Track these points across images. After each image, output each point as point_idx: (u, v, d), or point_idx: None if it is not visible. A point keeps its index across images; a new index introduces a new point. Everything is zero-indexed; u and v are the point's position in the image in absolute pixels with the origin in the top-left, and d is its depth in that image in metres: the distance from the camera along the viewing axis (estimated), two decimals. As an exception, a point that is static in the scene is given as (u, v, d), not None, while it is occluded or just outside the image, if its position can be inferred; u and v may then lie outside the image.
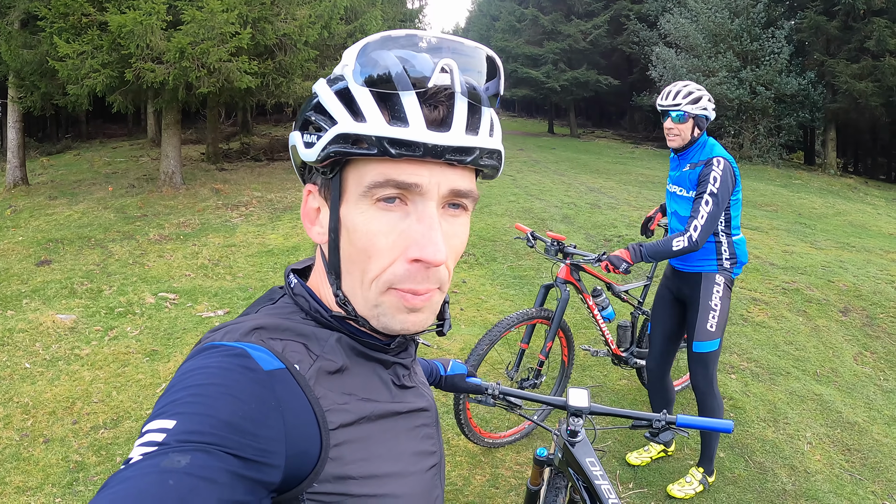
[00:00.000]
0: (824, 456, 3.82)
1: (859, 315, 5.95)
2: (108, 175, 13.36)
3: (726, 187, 3.10)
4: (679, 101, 3.21)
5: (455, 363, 1.76)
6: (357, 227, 0.75)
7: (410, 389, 0.89)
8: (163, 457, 0.57)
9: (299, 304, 0.83)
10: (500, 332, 3.44)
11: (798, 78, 18.84)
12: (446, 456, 3.56)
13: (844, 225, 10.78)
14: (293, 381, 0.71)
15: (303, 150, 0.77)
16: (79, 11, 8.64)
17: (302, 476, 0.69)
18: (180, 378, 0.67)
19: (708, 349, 3.26)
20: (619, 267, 3.27)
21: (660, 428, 1.74)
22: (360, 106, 0.72)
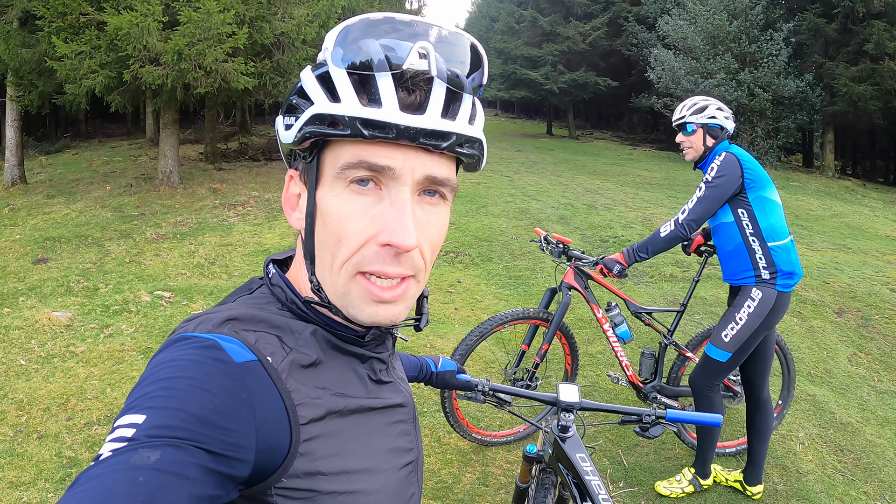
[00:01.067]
0: (817, 456, 3.83)
1: (854, 316, 5.96)
2: (106, 174, 13.35)
3: (723, 177, 3.02)
4: (683, 113, 3.20)
5: (445, 360, 1.76)
6: (330, 211, 0.75)
7: (387, 385, 0.87)
8: (132, 453, 0.56)
9: (276, 295, 0.83)
10: (492, 326, 3.40)
11: (796, 80, 18.83)
12: (437, 454, 3.57)
13: (841, 227, 10.80)
14: (265, 373, 0.70)
15: (283, 133, 0.78)
16: (77, 11, 8.64)
17: (271, 470, 0.68)
18: (151, 371, 0.66)
19: (715, 356, 3.15)
20: (612, 269, 3.24)
21: (650, 423, 1.75)
22: (336, 88, 0.72)
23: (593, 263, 3.38)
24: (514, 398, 1.89)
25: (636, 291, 6.40)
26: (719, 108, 3.20)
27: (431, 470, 3.44)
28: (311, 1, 10.15)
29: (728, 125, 3.20)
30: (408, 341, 4.53)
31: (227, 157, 15.76)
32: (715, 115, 3.17)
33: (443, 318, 5.63)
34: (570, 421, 1.82)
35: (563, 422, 1.83)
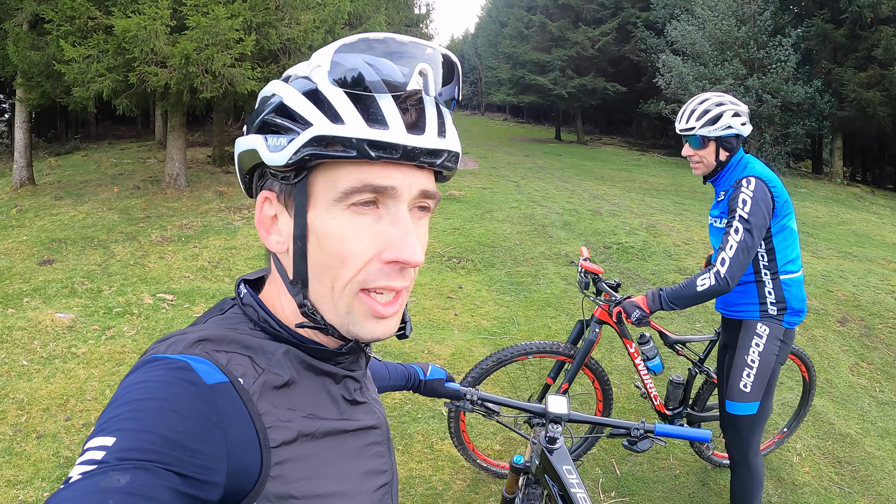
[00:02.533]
0: (813, 468, 3.80)
1: (857, 325, 5.92)
2: (114, 176, 13.44)
3: (760, 211, 2.58)
4: (692, 123, 2.72)
5: (434, 368, 1.77)
6: (330, 233, 0.74)
7: (361, 406, 0.87)
8: (102, 476, 0.56)
9: (248, 315, 0.82)
10: (513, 354, 3.15)
11: (805, 86, 18.74)
12: (430, 460, 3.57)
13: (848, 234, 10.74)
14: (236, 395, 0.69)
15: (268, 154, 0.74)
16: (85, 15, 8.71)
17: (242, 494, 0.68)
18: (122, 393, 0.66)
19: (741, 412, 2.75)
20: (630, 315, 2.79)
21: (638, 436, 1.76)
22: (335, 108, 0.71)
23: (614, 303, 3.00)
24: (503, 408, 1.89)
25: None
26: (735, 113, 2.71)
27: (422, 476, 3.44)
28: (317, 7, 10.19)
29: (745, 131, 2.75)
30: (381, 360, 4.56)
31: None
32: (731, 124, 2.69)
33: (442, 324, 5.63)
34: (558, 433, 1.83)
35: (550, 433, 1.83)
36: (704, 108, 2.72)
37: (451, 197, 11.39)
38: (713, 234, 2.93)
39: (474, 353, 4.91)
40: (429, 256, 7.72)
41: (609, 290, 3.18)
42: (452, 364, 4.70)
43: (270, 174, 0.78)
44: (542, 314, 5.90)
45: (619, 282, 3.27)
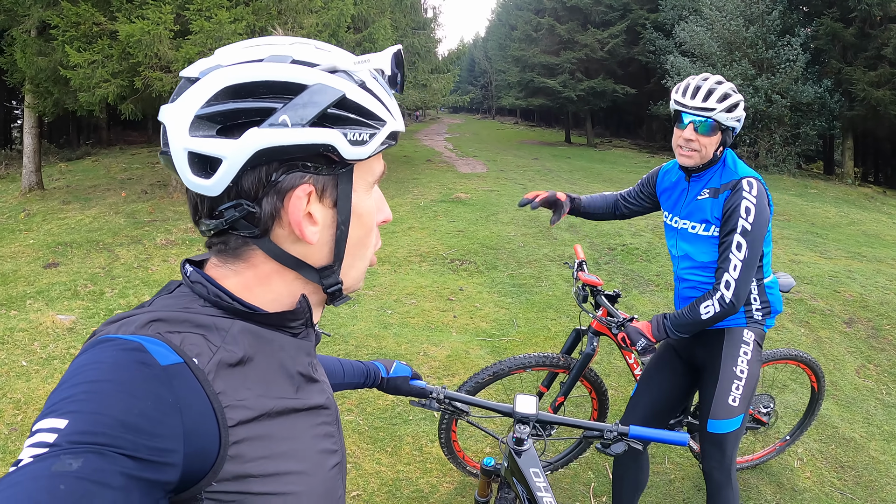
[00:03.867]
0: (815, 473, 3.72)
1: (864, 326, 5.82)
2: (123, 181, 13.53)
3: (763, 221, 2.32)
4: (713, 104, 2.34)
5: (399, 365, 1.73)
6: (367, 210, 0.84)
7: (315, 384, 0.87)
8: (54, 459, 0.55)
9: (197, 292, 0.80)
10: (510, 368, 3.02)
11: (815, 86, 18.61)
12: (418, 462, 3.54)
13: (858, 234, 10.60)
14: (191, 376, 0.68)
15: (349, 149, 0.76)
16: (90, 21, 8.79)
17: (200, 475, 0.67)
18: (74, 373, 0.64)
19: (727, 429, 2.50)
20: (635, 343, 2.53)
21: (611, 439, 1.70)
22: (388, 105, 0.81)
23: (617, 326, 2.75)
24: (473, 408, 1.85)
25: (640, 300, 6.32)
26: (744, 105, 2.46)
27: (409, 479, 3.40)
28: (320, 10, 10.21)
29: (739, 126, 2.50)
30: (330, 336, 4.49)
31: (243, 163, 15.88)
32: (741, 116, 2.42)
33: (440, 326, 5.59)
34: (525, 434, 1.76)
35: (517, 434, 1.76)
36: (725, 91, 2.36)
37: (457, 200, 11.37)
38: (684, 240, 2.61)
39: (471, 355, 4.87)
40: (431, 259, 7.70)
41: (609, 305, 2.95)
42: (448, 366, 4.66)
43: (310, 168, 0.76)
44: (543, 316, 5.85)
45: (619, 292, 3.08)
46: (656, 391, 2.77)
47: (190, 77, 0.75)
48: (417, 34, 18.66)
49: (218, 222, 0.75)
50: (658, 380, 2.79)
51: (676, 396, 2.79)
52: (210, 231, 0.77)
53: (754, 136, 19.53)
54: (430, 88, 19.06)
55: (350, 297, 0.90)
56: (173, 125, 0.73)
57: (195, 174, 0.72)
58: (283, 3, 9.41)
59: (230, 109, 0.71)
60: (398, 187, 12.85)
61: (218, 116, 0.71)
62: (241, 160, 0.71)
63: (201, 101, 0.71)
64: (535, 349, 5.06)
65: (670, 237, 2.70)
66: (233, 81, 0.71)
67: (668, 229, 2.71)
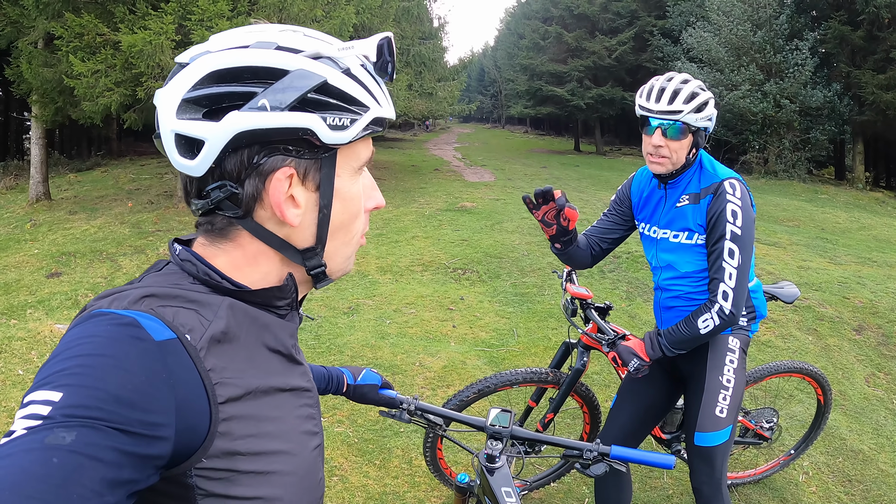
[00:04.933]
0: (821, 488, 3.58)
1: (874, 333, 5.69)
2: (130, 191, 13.58)
3: (751, 222, 2.20)
4: (679, 106, 2.18)
5: (368, 372, 1.67)
6: (353, 196, 0.85)
7: (299, 367, 0.89)
8: (47, 432, 0.55)
9: (186, 270, 0.80)
10: (497, 384, 2.87)
11: (824, 90, 18.46)
12: (406, 475, 3.46)
13: (868, 240, 10.43)
14: (184, 351, 0.69)
15: (328, 133, 0.77)
16: (93, 31, 8.86)
17: (191, 451, 0.68)
18: (67, 346, 0.64)
19: (715, 442, 2.36)
20: (627, 364, 2.38)
21: (591, 459, 1.60)
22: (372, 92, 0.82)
23: (607, 344, 2.56)
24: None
25: (644, 309, 6.22)
26: (715, 102, 2.30)
27: (397, 493, 3.31)
28: (323, 20, 10.22)
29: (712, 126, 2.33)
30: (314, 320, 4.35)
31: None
32: (712, 115, 2.26)
33: (438, 336, 5.51)
34: (497, 450, 1.66)
35: (489, 450, 1.66)
36: (692, 90, 2.21)
37: (462, 209, 11.32)
38: (665, 251, 2.44)
39: (467, 365, 4.77)
40: (433, 268, 7.63)
41: (599, 320, 2.72)
42: (443, 377, 4.57)
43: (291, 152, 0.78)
44: (544, 325, 5.76)
45: (610, 304, 2.87)
46: (637, 403, 2.62)
47: (181, 62, 0.78)
48: (425, 44, 18.66)
49: (204, 202, 0.78)
50: (638, 391, 2.63)
51: (659, 408, 2.65)
52: (198, 211, 0.80)
53: (764, 142, 19.38)
54: (437, 97, 19.04)
55: (331, 279, 0.89)
56: (163, 108, 0.76)
57: (181, 155, 0.75)
58: (284, 13, 9.42)
59: (215, 93, 0.74)
60: (404, 196, 12.80)
61: (203, 100, 0.74)
62: (222, 142, 0.74)
63: (188, 85, 0.74)
64: (533, 359, 4.97)
65: (648, 248, 2.55)
66: (218, 66, 0.74)
67: (646, 240, 2.54)
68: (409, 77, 16.17)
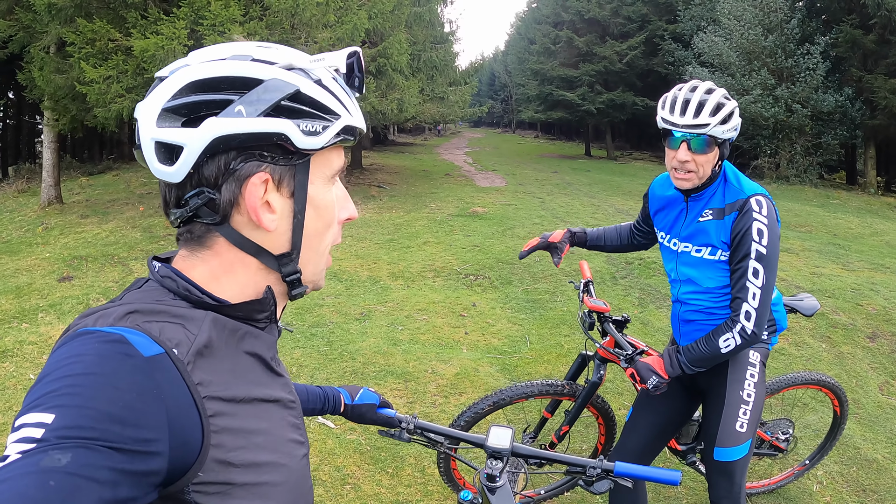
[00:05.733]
0: (835, 497, 3.55)
1: (888, 341, 5.65)
2: (142, 195, 13.63)
3: (776, 241, 2.12)
4: (706, 119, 2.09)
5: (366, 391, 1.66)
6: (326, 204, 0.86)
7: (280, 378, 0.90)
8: (42, 455, 0.55)
9: (166, 286, 0.81)
10: (512, 397, 2.83)
11: (835, 95, 18.33)
12: (419, 484, 3.45)
13: (881, 245, 10.35)
14: (172, 367, 0.70)
15: (302, 139, 0.79)
16: (105, 37, 8.91)
17: (187, 466, 0.68)
18: (55, 366, 0.64)
19: (735, 456, 2.32)
20: (646, 381, 2.31)
21: (594, 476, 1.55)
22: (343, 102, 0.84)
23: (625, 360, 2.51)
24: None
25: (657, 316, 6.19)
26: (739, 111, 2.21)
27: (409, 501, 3.30)
28: (334, 25, 10.24)
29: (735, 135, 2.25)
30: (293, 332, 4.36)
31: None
32: (736, 125, 2.17)
33: (450, 343, 5.50)
34: (497, 469, 1.60)
35: (489, 470, 1.61)
36: (717, 101, 2.11)
37: (473, 214, 11.31)
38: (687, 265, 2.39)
39: (480, 372, 4.76)
40: (445, 274, 7.63)
41: (617, 334, 2.70)
42: (456, 384, 4.56)
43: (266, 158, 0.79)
44: (556, 332, 5.74)
45: (628, 317, 2.84)
46: (653, 415, 2.58)
47: (161, 76, 0.79)
48: (436, 48, 18.68)
49: (182, 211, 0.79)
50: (655, 405, 2.57)
51: (675, 421, 2.62)
52: (177, 221, 0.80)
53: (775, 147, 19.28)
54: (448, 101, 19.05)
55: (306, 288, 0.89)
56: (143, 119, 0.77)
57: (161, 163, 0.77)
58: (296, 18, 9.45)
59: (193, 102, 0.75)
60: (415, 202, 12.80)
61: (182, 109, 0.75)
62: (200, 147, 0.75)
63: (168, 96, 0.76)
64: (546, 367, 4.95)
65: (668, 260, 2.48)
66: (197, 77, 0.76)
67: (666, 251, 2.48)
68: (421, 82, 16.17)
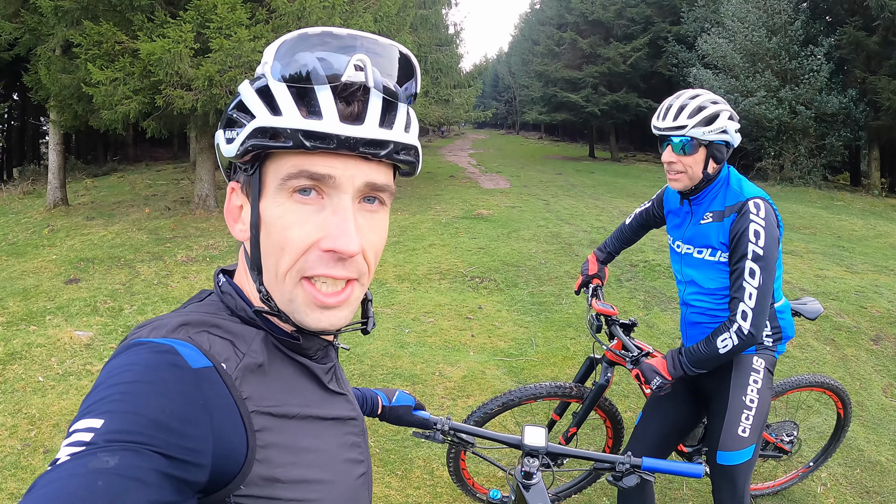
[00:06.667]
0: (839, 499, 3.58)
1: (892, 343, 5.66)
2: (146, 197, 13.69)
3: (774, 243, 2.18)
4: (684, 121, 2.23)
5: (402, 393, 1.70)
6: (273, 221, 0.77)
7: (340, 396, 0.89)
8: (91, 457, 0.57)
9: (226, 303, 0.84)
10: (521, 398, 2.89)
11: (839, 96, 18.31)
12: (428, 486, 3.47)
13: (885, 247, 10.34)
14: (220, 380, 0.71)
15: (224, 147, 0.79)
16: (112, 39, 8.94)
17: (229, 477, 0.69)
18: (107, 375, 0.66)
19: (737, 460, 2.36)
20: (650, 381, 2.39)
21: (623, 471, 1.64)
22: (277, 101, 0.74)
23: (631, 361, 2.59)
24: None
25: (662, 318, 6.21)
26: (731, 115, 2.28)
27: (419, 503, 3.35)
28: (341, 28, 10.26)
29: (736, 140, 2.32)
30: (349, 350, 4.40)
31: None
32: (726, 128, 2.24)
33: (457, 345, 5.53)
34: (534, 467, 1.69)
35: (526, 467, 1.69)
36: (698, 104, 2.25)
37: (478, 216, 11.33)
38: (689, 266, 2.49)
39: (487, 375, 4.79)
40: (450, 276, 7.65)
41: (623, 337, 2.78)
42: (463, 387, 4.59)
43: (237, 166, 0.81)
44: (562, 335, 5.77)
45: (635, 321, 2.92)
46: (662, 419, 2.65)
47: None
48: (441, 50, 18.72)
49: None
50: (664, 408, 2.65)
51: (683, 425, 2.68)
52: None
53: (779, 149, 19.26)
54: (453, 103, 19.09)
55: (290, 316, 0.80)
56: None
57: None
58: (302, 21, 9.47)
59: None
60: (420, 204, 12.82)
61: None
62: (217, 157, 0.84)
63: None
64: (552, 369, 4.98)
65: (675, 262, 2.60)
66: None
67: (673, 254, 2.61)
68: (426, 84, 16.23)
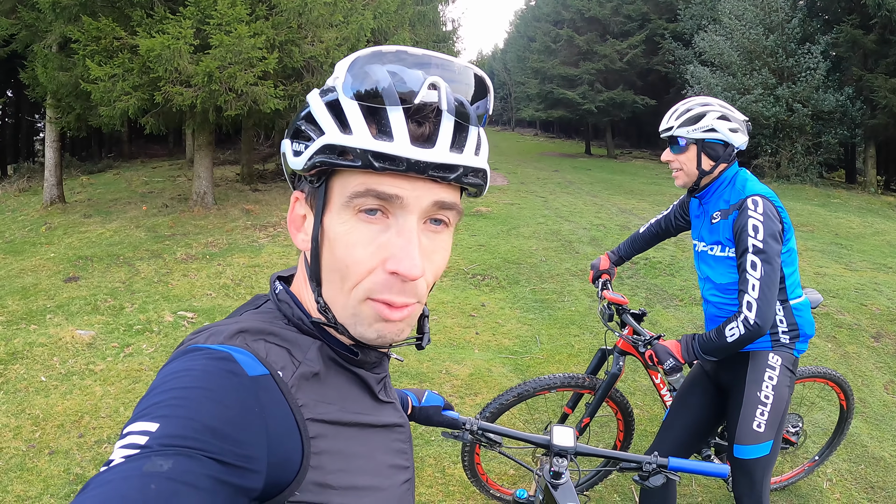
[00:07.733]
0: (844, 494, 3.61)
1: (892, 341, 5.70)
2: (143, 194, 13.63)
3: (773, 235, 2.28)
4: (671, 123, 2.47)
5: (431, 394, 1.70)
6: (338, 237, 0.76)
7: (389, 404, 0.90)
8: (145, 460, 0.57)
9: (282, 311, 0.84)
10: (535, 389, 2.95)
11: (836, 94, 18.34)
12: (440, 484, 3.48)
13: (883, 245, 10.38)
14: (276, 387, 0.71)
15: (291, 159, 0.78)
16: (110, 35, 8.89)
17: (284, 484, 0.69)
18: (163, 380, 0.67)
19: (753, 455, 2.42)
20: (663, 362, 2.49)
21: (650, 471, 1.66)
22: (347, 118, 0.73)
23: (644, 343, 2.72)
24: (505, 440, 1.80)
25: (664, 316, 6.23)
26: (722, 116, 2.42)
27: (431, 502, 3.34)
28: (340, 25, 10.24)
29: (736, 140, 2.42)
30: (403, 362, 4.44)
31: (264, 178, 15.97)
32: (714, 126, 2.39)
33: (462, 343, 5.54)
34: (563, 467, 1.72)
35: (555, 467, 1.72)
36: (687, 107, 2.47)
37: (477, 213, 11.33)
38: (703, 262, 2.61)
39: (493, 373, 4.80)
40: (452, 274, 7.66)
41: (635, 324, 2.87)
42: (470, 385, 4.60)
43: (303, 176, 0.81)
44: (566, 332, 5.78)
45: (645, 311, 2.99)
46: (690, 414, 2.72)
47: None
48: (438, 47, 18.70)
49: None
50: (691, 402, 2.74)
51: (710, 419, 2.74)
52: None
53: (776, 146, 19.29)
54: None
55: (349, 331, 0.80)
56: None
57: None
58: (303, 17, 9.45)
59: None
60: (417, 201, 12.79)
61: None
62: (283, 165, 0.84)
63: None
64: (558, 367, 4.99)
65: (696, 260, 2.72)
66: None
67: (695, 253, 2.73)
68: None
